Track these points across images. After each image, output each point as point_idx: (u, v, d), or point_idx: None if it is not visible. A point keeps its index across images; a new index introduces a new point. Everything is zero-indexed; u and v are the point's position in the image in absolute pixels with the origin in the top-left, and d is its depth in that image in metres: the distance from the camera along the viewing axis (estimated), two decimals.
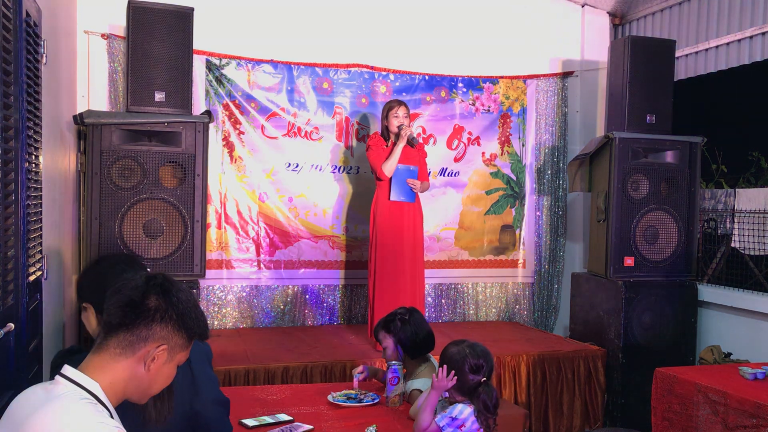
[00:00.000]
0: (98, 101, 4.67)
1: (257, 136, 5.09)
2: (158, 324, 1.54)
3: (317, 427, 2.53)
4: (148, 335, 1.54)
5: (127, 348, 1.53)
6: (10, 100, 2.30)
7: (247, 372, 3.92)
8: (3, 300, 2.22)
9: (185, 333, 1.60)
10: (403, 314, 3.04)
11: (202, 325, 1.64)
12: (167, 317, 1.55)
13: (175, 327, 1.57)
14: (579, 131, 5.83)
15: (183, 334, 1.59)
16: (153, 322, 1.54)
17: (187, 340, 1.61)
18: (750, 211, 4.63)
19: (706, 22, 5.02)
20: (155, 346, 1.54)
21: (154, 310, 1.54)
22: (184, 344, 1.61)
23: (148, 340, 1.54)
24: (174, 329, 1.57)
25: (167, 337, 1.56)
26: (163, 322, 1.55)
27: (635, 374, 4.55)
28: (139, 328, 1.53)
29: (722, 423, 3.06)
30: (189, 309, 1.60)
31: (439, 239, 5.54)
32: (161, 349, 1.55)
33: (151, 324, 1.54)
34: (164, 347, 1.55)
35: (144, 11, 3.97)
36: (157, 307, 1.55)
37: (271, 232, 5.14)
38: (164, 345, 1.55)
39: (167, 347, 1.56)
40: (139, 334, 1.53)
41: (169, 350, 1.57)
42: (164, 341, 1.55)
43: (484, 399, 2.37)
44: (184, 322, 1.58)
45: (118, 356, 1.52)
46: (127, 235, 3.88)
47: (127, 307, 1.54)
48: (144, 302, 1.54)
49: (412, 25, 5.40)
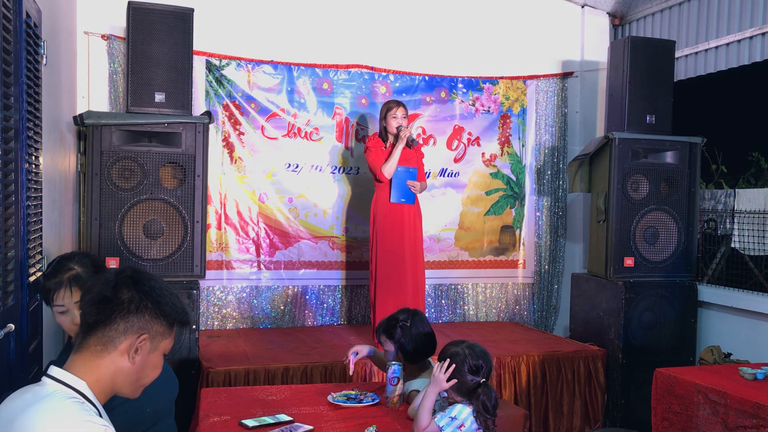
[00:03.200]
0: (98, 102, 4.67)
1: (257, 137, 5.09)
2: (134, 315, 1.55)
3: (317, 428, 2.53)
4: (126, 328, 1.54)
5: (108, 343, 1.53)
6: (10, 101, 2.30)
7: (247, 372, 3.92)
8: (3, 300, 2.22)
9: (164, 320, 1.60)
10: (404, 320, 3.00)
11: (180, 310, 1.64)
12: (142, 306, 1.56)
13: (153, 315, 1.57)
14: (579, 132, 5.83)
15: (162, 321, 1.59)
16: (129, 313, 1.54)
17: (167, 327, 1.61)
18: (750, 211, 4.63)
19: (706, 22, 5.02)
20: (135, 337, 1.55)
21: (128, 302, 1.55)
22: (165, 331, 1.61)
23: (128, 332, 1.54)
24: (152, 317, 1.57)
25: (146, 326, 1.56)
26: (139, 312, 1.55)
27: (635, 374, 4.55)
28: (116, 322, 1.54)
29: (722, 423, 3.06)
30: (163, 296, 1.60)
31: (439, 240, 5.54)
32: (142, 339, 1.55)
33: (128, 316, 1.54)
34: (145, 336, 1.56)
35: (144, 12, 3.98)
36: (130, 298, 1.55)
37: (271, 233, 5.14)
38: (145, 334, 1.56)
39: (148, 336, 1.56)
40: (117, 328, 1.53)
41: (151, 339, 1.58)
42: (144, 330, 1.56)
43: (484, 400, 2.37)
44: (160, 309, 1.59)
45: (100, 353, 1.53)
46: (127, 236, 3.88)
47: (101, 303, 1.55)
48: (117, 296, 1.55)
49: (412, 25, 5.41)
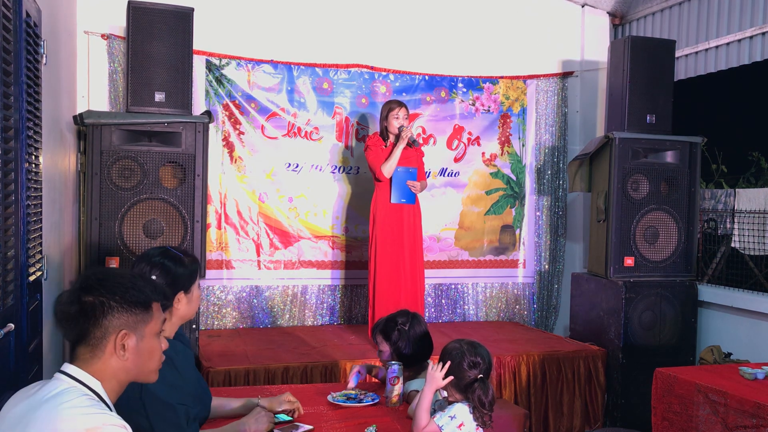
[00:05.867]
0: (98, 101, 4.67)
1: (257, 137, 5.09)
2: (104, 318, 1.55)
3: (317, 427, 2.53)
4: (102, 333, 1.55)
5: (95, 350, 1.55)
6: (10, 100, 2.30)
7: (247, 372, 3.92)
8: (3, 300, 2.22)
9: (136, 308, 1.59)
10: (403, 323, 2.97)
11: (147, 291, 1.62)
12: (107, 308, 1.55)
13: (122, 310, 1.56)
14: (579, 131, 5.83)
15: (134, 310, 1.58)
16: (98, 318, 1.54)
17: (143, 312, 1.60)
18: (750, 211, 4.63)
19: (706, 22, 5.02)
20: (114, 337, 1.55)
21: (92, 309, 1.55)
22: (143, 317, 1.60)
23: (106, 335, 1.55)
24: (122, 312, 1.56)
25: (120, 323, 1.56)
26: (107, 314, 1.55)
27: (635, 374, 4.55)
28: (90, 332, 1.54)
29: (722, 423, 3.06)
30: (125, 286, 1.59)
31: (439, 239, 5.54)
32: (122, 335, 1.55)
33: (99, 321, 1.54)
34: (124, 332, 1.56)
35: (144, 11, 3.97)
36: (92, 305, 1.55)
37: (271, 233, 5.14)
38: (122, 330, 1.56)
39: (127, 331, 1.56)
40: (95, 335, 1.55)
41: (133, 330, 1.57)
42: (120, 328, 1.56)
43: (479, 395, 2.37)
44: (126, 300, 1.57)
45: (91, 359, 1.55)
46: (127, 236, 3.88)
47: (69, 320, 1.55)
48: (81, 308, 1.54)
49: (412, 25, 5.41)
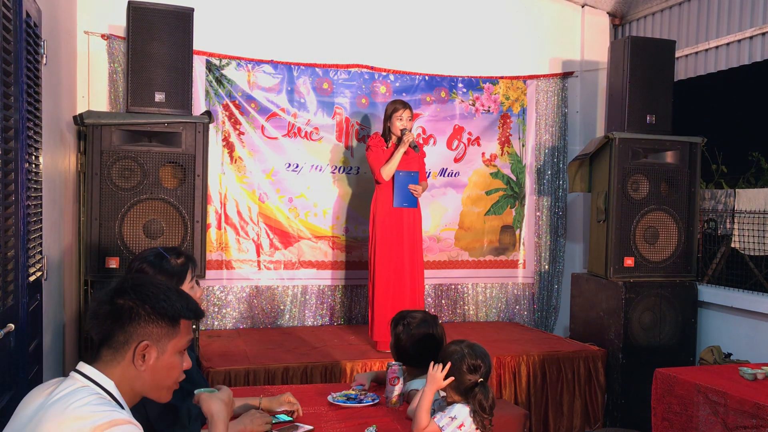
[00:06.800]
0: (98, 102, 4.68)
1: (257, 137, 5.09)
2: (131, 324, 1.55)
3: (317, 428, 2.53)
4: (126, 338, 1.55)
5: (116, 354, 1.55)
6: (10, 101, 2.30)
7: (247, 372, 3.92)
8: (3, 300, 2.22)
9: (164, 321, 1.58)
10: (412, 319, 2.91)
11: (179, 306, 1.61)
12: (135, 315, 1.55)
13: (149, 320, 1.56)
14: (579, 131, 5.83)
15: (161, 323, 1.57)
16: (124, 323, 1.54)
17: (170, 326, 1.59)
18: (750, 211, 4.63)
19: (706, 22, 5.02)
20: (135, 346, 1.55)
21: (120, 312, 1.55)
22: (169, 332, 1.59)
23: (129, 342, 1.55)
24: (148, 323, 1.56)
25: (144, 333, 1.55)
26: (134, 321, 1.55)
27: (635, 374, 4.55)
28: (116, 335, 1.55)
29: (722, 423, 3.06)
30: (159, 297, 1.58)
31: (439, 240, 5.54)
32: (143, 345, 1.55)
33: (125, 326, 1.54)
34: (145, 344, 1.55)
35: (144, 12, 3.97)
36: (121, 308, 1.55)
37: (271, 233, 5.14)
38: (144, 341, 1.55)
39: (149, 342, 1.56)
40: (119, 339, 1.55)
41: (155, 344, 1.57)
42: (143, 338, 1.55)
43: (480, 399, 2.37)
44: (157, 311, 1.56)
45: (111, 362, 1.55)
46: (127, 236, 3.88)
47: (100, 318, 1.56)
48: (113, 308, 1.55)
49: (412, 25, 5.41)
